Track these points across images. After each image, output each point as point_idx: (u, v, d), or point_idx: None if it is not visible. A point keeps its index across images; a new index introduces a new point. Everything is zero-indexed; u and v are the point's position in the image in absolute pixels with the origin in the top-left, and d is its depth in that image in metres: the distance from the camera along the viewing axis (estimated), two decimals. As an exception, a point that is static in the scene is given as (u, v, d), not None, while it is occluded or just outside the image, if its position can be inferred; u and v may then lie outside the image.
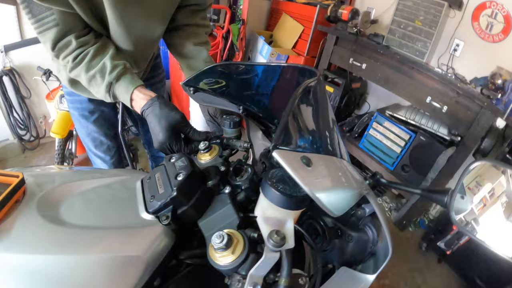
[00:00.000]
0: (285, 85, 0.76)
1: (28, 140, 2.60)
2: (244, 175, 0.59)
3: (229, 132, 0.76)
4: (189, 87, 0.80)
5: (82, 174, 0.69)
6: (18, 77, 2.35)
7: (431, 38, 2.23)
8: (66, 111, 2.16)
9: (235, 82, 0.80)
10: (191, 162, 0.56)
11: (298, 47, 3.00)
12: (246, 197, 0.57)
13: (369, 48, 2.41)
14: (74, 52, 0.79)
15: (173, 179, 0.53)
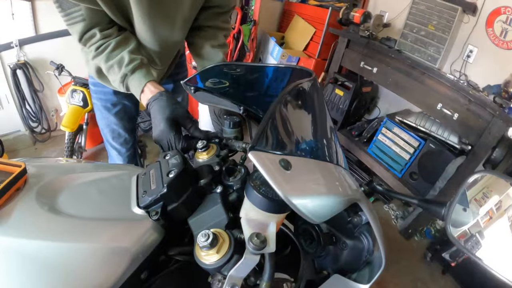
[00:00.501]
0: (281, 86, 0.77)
1: (40, 133, 2.67)
2: (237, 176, 0.59)
3: (228, 132, 0.76)
4: (190, 86, 0.80)
5: (83, 167, 0.71)
6: (32, 71, 2.42)
7: (444, 44, 2.19)
8: (76, 106, 2.24)
9: (237, 82, 0.80)
10: (184, 160, 0.57)
11: (309, 49, 2.99)
12: (238, 198, 0.56)
13: (380, 52, 2.38)
14: (98, 43, 0.86)
15: (165, 176, 0.53)
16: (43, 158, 0.74)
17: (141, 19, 0.89)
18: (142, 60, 0.88)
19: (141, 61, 0.87)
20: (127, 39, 0.91)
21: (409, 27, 2.36)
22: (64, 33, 2.40)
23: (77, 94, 2.24)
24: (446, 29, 2.17)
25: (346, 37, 2.58)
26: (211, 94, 0.82)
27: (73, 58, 2.47)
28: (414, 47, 2.35)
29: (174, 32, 1.00)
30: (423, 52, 2.30)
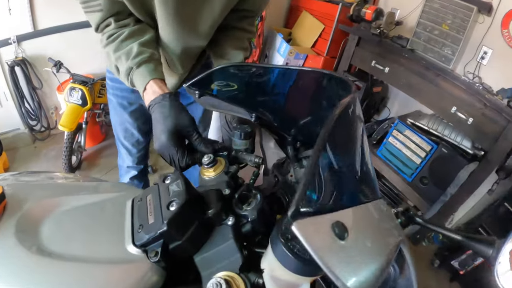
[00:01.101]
0: (307, 93, 0.69)
1: (39, 131, 2.64)
2: (252, 203, 0.52)
3: (238, 144, 0.70)
4: (195, 90, 0.74)
5: (71, 187, 0.64)
6: (30, 68, 2.38)
7: (458, 44, 2.12)
8: (75, 104, 2.21)
9: (248, 86, 0.73)
10: (188, 187, 0.50)
11: (317, 46, 2.93)
12: (252, 230, 0.50)
13: (393, 51, 2.31)
14: (111, 31, 0.82)
15: (165, 208, 0.46)
16: (26, 174, 0.69)
17: (164, 18, 0.85)
18: (152, 54, 0.82)
19: (151, 55, 0.81)
20: (143, 30, 0.85)
21: (422, 25, 2.30)
22: (63, 28, 2.36)
23: (76, 92, 2.21)
24: (461, 29, 2.10)
25: (357, 35, 2.51)
26: (218, 99, 0.75)
27: (72, 54, 2.47)
28: (427, 46, 2.29)
29: (200, 36, 0.95)
30: (437, 52, 2.24)
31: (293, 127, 0.71)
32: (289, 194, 0.68)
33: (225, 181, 0.57)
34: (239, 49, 1.02)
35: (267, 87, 0.69)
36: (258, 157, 0.65)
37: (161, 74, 0.81)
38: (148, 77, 0.77)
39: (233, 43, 1.02)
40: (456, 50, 2.14)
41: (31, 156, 2.54)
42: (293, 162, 0.67)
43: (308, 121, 0.70)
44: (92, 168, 2.54)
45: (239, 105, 0.72)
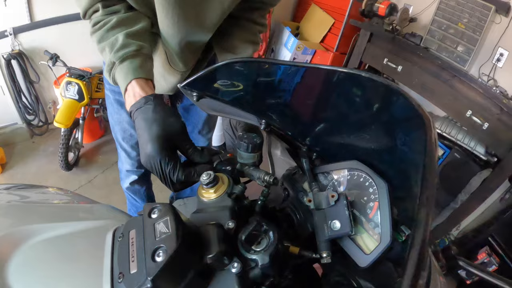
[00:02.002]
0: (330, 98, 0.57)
1: (37, 125, 2.62)
2: (263, 242, 0.44)
3: (245, 158, 0.60)
4: (192, 92, 0.64)
5: (46, 211, 0.56)
6: (27, 61, 2.34)
7: (474, 44, 2.09)
8: (72, 99, 2.17)
9: (256, 86, 0.63)
10: (178, 227, 0.39)
11: (326, 41, 2.89)
12: (263, 275, 0.44)
13: (406, 49, 2.27)
14: (98, 18, 0.73)
15: (149, 258, 0.37)
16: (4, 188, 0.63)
17: (163, 9, 0.75)
18: (140, 47, 0.71)
19: (138, 48, 0.70)
20: (134, 19, 0.75)
21: (437, 23, 2.27)
22: (61, 20, 2.31)
23: (72, 86, 2.17)
24: (478, 28, 2.06)
25: (369, 30, 2.47)
26: (220, 102, 0.66)
27: (70, 47, 2.42)
28: (442, 45, 2.26)
29: (205, 29, 0.84)
30: (452, 52, 2.21)
31: (308, 136, 0.64)
32: (301, 212, 0.64)
33: (228, 208, 0.48)
34: (248, 42, 0.94)
35: (279, 88, 0.59)
36: (269, 174, 0.57)
37: (148, 73, 0.70)
38: (130, 76, 0.67)
39: (241, 35, 0.93)
40: (471, 50, 2.11)
41: (29, 152, 2.53)
42: (310, 180, 0.61)
43: (327, 130, 0.62)
44: (90, 166, 2.53)
45: (246, 109, 0.63)
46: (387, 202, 0.50)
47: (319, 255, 0.49)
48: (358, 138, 0.57)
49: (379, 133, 0.50)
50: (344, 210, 0.49)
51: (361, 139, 0.57)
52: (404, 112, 0.42)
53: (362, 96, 0.47)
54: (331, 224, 0.49)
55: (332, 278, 0.60)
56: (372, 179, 0.53)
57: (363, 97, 0.47)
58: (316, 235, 0.51)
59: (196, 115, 1.40)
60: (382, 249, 0.48)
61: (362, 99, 0.48)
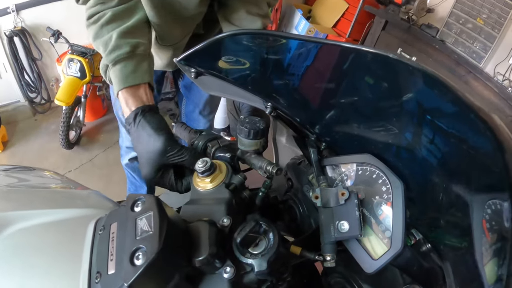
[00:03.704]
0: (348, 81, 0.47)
1: (39, 103, 2.59)
2: (261, 244, 0.38)
3: (246, 144, 0.54)
4: (190, 67, 0.58)
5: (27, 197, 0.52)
6: (29, 38, 2.29)
7: (492, 42, 2.01)
8: (73, 77, 2.13)
9: (264, 65, 0.55)
10: (162, 225, 0.34)
11: (339, 26, 2.80)
12: (258, 281, 0.39)
13: (422, 40, 2.20)
14: (91, 9, 0.69)
15: (127, 260, 0.32)
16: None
17: None
18: (134, 47, 0.67)
19: (132, 49, 0.66)
20: (130, 11, 0.70)
21: (455, 16, 2.17)
22: (64, -5, 2.24)
23: (74, 64, 2.12)
24: (497, 25, 1.98)
25: (384, 18, 2.40)
26: (222, 81, 0.59)
27: (73, 24, 2.31)
28: (458, 40, 2.17)
29: None
30: (468, 47, 2.12)
31: (318, 124, 0.58)
32: (304, 206, 0.61)
33: (224, 202, 0.43)
34: (255, 15, 0.86)
35: (290, 68, 0.52)
36: (272, 164, 0.51)
37: (142, 76, 0.67)
38: (120, 85, 0.64)
39: (248, 6, 0.85)
40: (489, 47, 2.03)
41: (31, 130, 2.50)
42: (317, 173, 0.55)
43: (340, 118, 0.56)
44: (92, 144, 2.50)
45: (251, 91, 0.56)
46: (402, 204, 0.44)
47: (322, 257, 0.45)
48: (374, 130, 0.51)
49: (401, 127, 0.44)
50: (354, 210, 0.44)
51: (377, 132, 0.51)
52: (447, 108, 0.36)
53: (386, 82, 0.41)
54: (338, 225, 0.44)
55: (333, 279, 0.56)
56: (386, 176, 0.47)
57: (387, 83, 0.40)
58: (321, 235, 0.46)
59: (197, 94, 1.34)
60: (392, 256, 0.43)
61: (385, 86, 0.42)
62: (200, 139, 0.59)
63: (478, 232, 0.38)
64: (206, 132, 0.61)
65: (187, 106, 1.41)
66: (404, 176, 0.46)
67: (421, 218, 0.50)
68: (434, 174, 0.44)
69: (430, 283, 0.46)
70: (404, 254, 0.47)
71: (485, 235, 0.35)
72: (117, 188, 1.99)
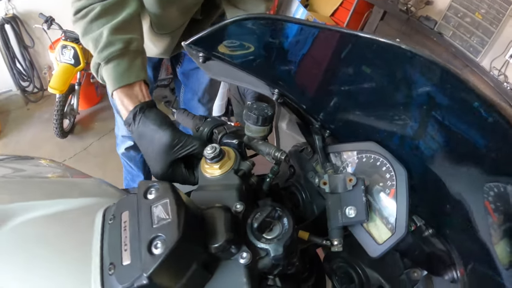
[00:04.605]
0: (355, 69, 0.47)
1: (32, 92, 2.55)
2: (275, 229, 0.39)
3: (253, 130, 0.55)
4: (198, 52, 0.57)
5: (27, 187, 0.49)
6: (21, 25, 2.23)
7: (490, 37, 2.04)
8: (67, 64, 2.10)
9: (270, 49, 0.54)
10: (180, 212, 0.34)
11: (337, 15, 2.78)
12: (272, 265, 0.39)
13: (420, 32, 2.22)
14: (78, 3, 0.65)
15: (145, 249, 0.32)
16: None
17: None
18: (127, 43, 0.64)
19: (125, 45, 0.64)
20: (120, 4, 0.67)
21: (453, 9, 2.18)
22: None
23: (68, 50, 2.09)
24: (495, 21, 2.01)
25: (383, 8, 2.41)
26: (229, 66, 0.58)
27: (66, 9, 2.26)
28: (456, 33, 2.19)
29: None
30: (466, 41, 2.14)
31: (323, 111, 0.59)
32: (307, 192, 0.62)
33: (235, 188, 0.43)
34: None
35: (296, 53, 0.52)
36: (280, 150, 0.52)
37: (137, 73, 0.65)
38: (115, 84, 0.62)
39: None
40: (486, 42, 2.06)
41: (24, 119, 2.47)
42: (322, 160, 0.56)
43: (345, 106, 0.56)
44: (86, 133, 2.47)
45: (257, 76, 0.56)
46: (406, 190, 0.46)
47: (330, 242, 0.46)
48: (379, 118, 0.52)
49: (408, 117, 0.45)
50: (361, 196, 0.45)
51: (382, 120, 0.52)
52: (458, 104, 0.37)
53: (398, 72, 0.41)
54: (346, 210, 0.45)
55: (336, 264, 0.58)
56: (390, 164, 0.48)
57: (400, 74, 0.41)
58: (328, 220, 0.47)
59: (196, 82, 1.34)
60: (396, 240, 0.45)
61: (397, 76, 0.42)
62: (206, 125, 0.59)
63: (479, 213, 0.40)
64: (211, 118, 0.61)
65: (185, 94, 1.41)
66: (407, 164, 0.48)
67: (422, 205, 0.51)
68: (436, 163, 0.46)
69: (434, 267, 0.48)
70: (405, 240, 0.48)
71: (490, 216, 0.37)
72: (113, 176, 1.98)
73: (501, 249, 0.36)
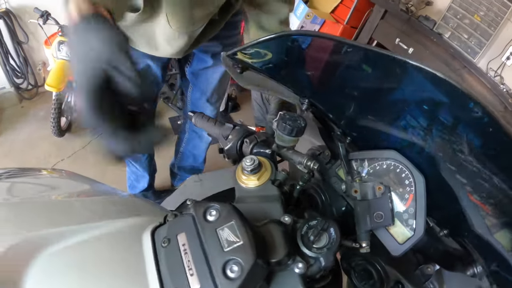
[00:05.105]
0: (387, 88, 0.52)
1: (26, 89, 2.52)
2: (322, 239, 0.42)
3: (286, 140, 0.57)
4: (236, 63, 0.59)
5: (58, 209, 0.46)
6: (15, 20, 2.20)
7: (488, 39, 2.13)
8: (65, 60, 2.06)
9: (303, 61, 0.56)
10: (250, 234, 0.35)
11: (337, 12, 2.81)
12: (318, 270, 0.42)
13: (420, 32, 2.28)
14: None
15: (220, 272, 0.33)
16: None
17: None
18: None
19: None
20: None
21: (453, 11, 2.25)
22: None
23: (65, 46, 2.03)
24: (493, 23, 2.09)
25: (384, 7, 2.45)
26: (262, 76, 0.60)
27: None
28: (455, 34, 2.27)
29: None
30: (464, 42, 2.22)
31: (348, 120, 0.63)
32: (327, 195, 0.65)
33: (277, 200, 0.45)
34: (283, 1, 0.87)
35: (329, 66, 0.55)
36: (313, 160, 0.54)
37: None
38: None
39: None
40: (484, 44, 2.14)
41: (19, 117, 2.44)
42: (347, 167, 0.59)
43: (370, 117, 0.61)
44: (84, 130, 2.43)
45: (288, 86, 0.58)
46: (424, 195, 0.52)
47: (359, 244, 0.51)
48: (399, 128, 0.57)
49: (429, 132, 0.51)
50: (388, 202, 0.51)
51: (402, 130, 0.57)
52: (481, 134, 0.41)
53: (425, 93, 0.46)
54: (375, 215, 0.51)
55: (354, 262, 0.62)
56: (409, 171, 0.54)
57: (426, 94, 0.45)
58: (357, 225, 0.52)
59: (205, 81, 1.36)
60: (416, 240, 0.51)
61: (423, 95, 0.47)
62: (236, 134, 0.61)
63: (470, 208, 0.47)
64: (240, 127, 0.62)
65: (193, 93, 1.43)
66: (423, 170, 0.54)
67: (435, 208, 0.57)
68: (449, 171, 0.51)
69: (450, 263, 0.54)
70: (422, 239, 0.54)
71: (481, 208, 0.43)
72: (115, 175, 1.99)
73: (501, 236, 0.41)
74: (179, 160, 1.79)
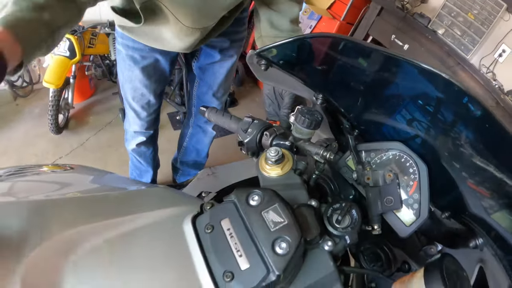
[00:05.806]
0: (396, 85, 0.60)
1: (20, 86, 2.50)
2: (346, 219, 0.47)
3: (304, 133, 0.62)
4: (260, 60, 0.63)
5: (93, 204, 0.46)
6: None
7: (481, 36, 2.23)
8: (62, 56, 2.07)
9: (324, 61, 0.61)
10: (292, 214, 0.40)
11: (334, 8, 2.85)
12: (344, 248, 0.47)
13: (416, 29, 2.36)
14: None
15: (269, 249, 0.36)
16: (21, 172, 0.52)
17: None
18: None
19: None
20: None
21: (447, 9, 2.33)
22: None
23: (63, 42, 2.06)
24: (486, 22, 2.18)
25: (380, 4, 2.52)
26: (282, 73, 0.65)
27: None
28: (449, 31, 2.35)
29: None
30: (458, 39, 2.30)
31: (355, 114, 0.68)
32: (336, 184, 0.70)
33: (301, 187, 0.50)
34: (294, 0, 0.91)
35: (347, 66, 0.60)
36: (329, 151, 0.59)
37: None
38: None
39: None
40: (477, 41, 2.23)
41: (14, 115, 2.43)
42: (357, 158, 0.64)
43: (380, 112, 0.67)
44: (82, 127, 2.46)
45: (305, 82, 0.62)
46: (427, 182, 0.59)
47: (371, 227, 0.58)
48: (403, 121, 0.64)
49: (433, 125, 0.57)
50: (396, 188, 0.58)
51: (406, 123, 0.63)
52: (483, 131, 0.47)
53: (432, 92, 0.52)
54: (385, 200, 0.57)
55: (363, 246, 0.67)
56: (414, 161, 0.61)
57: (433, 93, 0.52)
58: (369, 209, 0.59)
59: (212, 76, 1.39)
60: (421, 223, 0.58)
61: (429, 94, 0.54)
62: (255, 127, 0.65)
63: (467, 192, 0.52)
64: (258, 120, 0.66)
65: (199, 88, 1.47)
66: (426, 160, 0.61)
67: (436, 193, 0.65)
68: (451, 160, 0.58)
69: (453, 241, 0.60)
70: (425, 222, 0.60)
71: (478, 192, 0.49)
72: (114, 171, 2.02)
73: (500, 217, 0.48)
74: (182, 154, 1.82)
